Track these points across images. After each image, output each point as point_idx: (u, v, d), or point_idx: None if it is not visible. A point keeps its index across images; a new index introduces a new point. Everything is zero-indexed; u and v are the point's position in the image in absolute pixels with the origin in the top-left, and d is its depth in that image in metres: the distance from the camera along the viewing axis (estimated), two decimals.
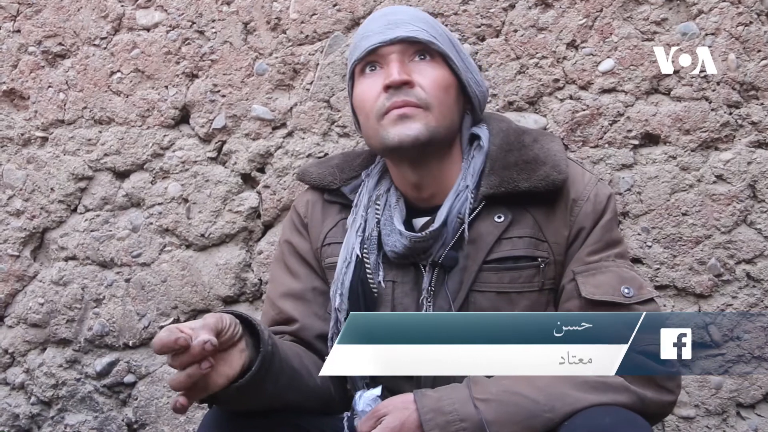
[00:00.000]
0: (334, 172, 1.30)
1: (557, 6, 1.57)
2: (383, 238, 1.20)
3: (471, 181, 1.18)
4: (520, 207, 1.17)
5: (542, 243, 1.17)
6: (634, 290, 1.11)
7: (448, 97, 1.16)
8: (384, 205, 1.22)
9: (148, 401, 1.78)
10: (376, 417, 1.06)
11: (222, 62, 1.71)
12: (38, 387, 1.82)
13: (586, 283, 1.12)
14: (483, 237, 1.17)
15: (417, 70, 1.15)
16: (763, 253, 1.52)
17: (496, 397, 1.03)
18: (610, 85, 1.55)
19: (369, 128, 1.18)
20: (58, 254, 1.81)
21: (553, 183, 1.15)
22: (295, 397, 1.14)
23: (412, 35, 1.15)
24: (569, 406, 1.01)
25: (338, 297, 1.20)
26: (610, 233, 1.17)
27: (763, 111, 1.50)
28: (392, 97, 1.13)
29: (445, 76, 1.17)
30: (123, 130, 1.76)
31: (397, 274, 1.20)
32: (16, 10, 1.81)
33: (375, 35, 1.16)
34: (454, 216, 1.17)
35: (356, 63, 1.19)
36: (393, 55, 1.15)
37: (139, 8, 1.75)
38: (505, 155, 1.19)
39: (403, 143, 1.12)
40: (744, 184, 1.51)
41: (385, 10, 1.25)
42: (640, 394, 1.04)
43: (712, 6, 1.50)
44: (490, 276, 1.16)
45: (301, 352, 1.21)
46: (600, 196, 1.18)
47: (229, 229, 1.72)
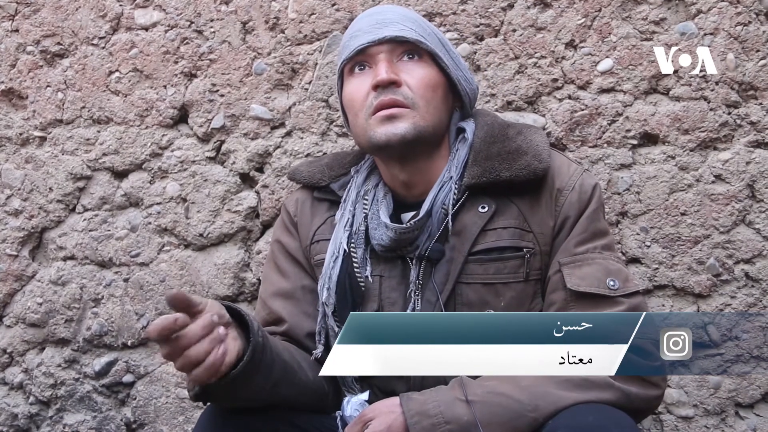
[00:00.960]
0: (324, 170, 1.32)
1: (556, 6, 1.57)
2: (370, 232, 1.21)
3: (455, 173, 1.19)
4: (504, 197, 1.18)
5: (527, 233, 1.17)
6: (620, 282, 1.11)
7: (435, 95, 1.17)
8: (372, 200, 1.23)
9: (146, 401, 1.78)
10: (363, 422, 1.07)
11: (220, 62, 1.71)
12: (37, 387, 1.82)
13: (572, 274, 1.13)
14: (468, 228, 1.17)
15: (405, 69, 1.16)
16: (762, 253, 1.52)
17: (481, 398, 1.03)
18: (609, 85, 1.55)
19: (357, 127, 1.19)
20: (56, 254, 1.81)
21: (533, 172, 1.15)
22: (288, 391, 1.14)
23: (400, 35, 1.16)
24: (553, 405, 1.01)
25: (326, 291, 1.21)
26: (596, 223, 1.17)
27: (761, 111, 1.50)
28: (380, 96, 1.14)
29: (433, 75, 1.18)
30: (121, 129, 1.76)
31: (384, 268, 1.21)
32: (14, 10, 1.81)
33: (363, 35, 1.17)
34: (438, 207, 1.17)
35: (345, 62, 1.20)
36: (381, 54, 1.16)
37: (137, 8, 1.75)
38: (488, 147, 1.20)
39: (390, 142, 1.14)
40: (743, 183, 1.51)
41: (374, 10, 1.25)
42: (625, 390, 1.04)
43: (711, 6, 1.50)
44: (476, 267, 1.17)
45: (291, 347, 1.22)
46: (585, 185, 1.18)
47: (228, 229, 1.72)
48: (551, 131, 1.57)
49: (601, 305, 1.10)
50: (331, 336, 1.22)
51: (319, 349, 1.23)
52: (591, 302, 1.10)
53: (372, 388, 1.23)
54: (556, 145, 1.57)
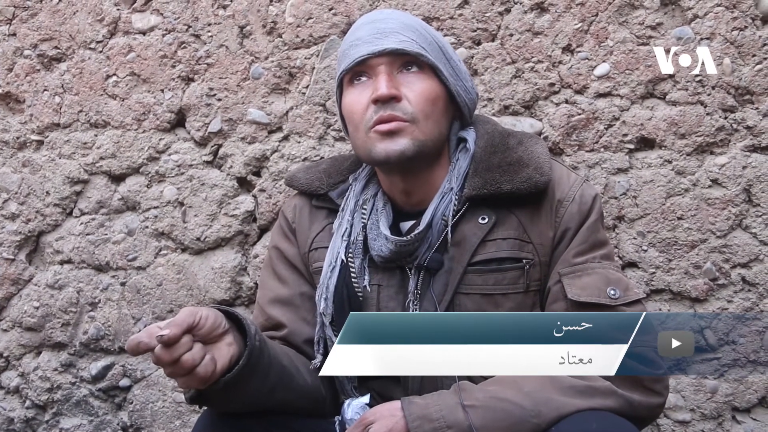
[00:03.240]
0: (322, 177, 1.31)
1: (553, 10, 1.57)
2: (369, 242, 1.20)
3: (455, 183, 1.19)
4: (504, 208, 1.17)
5: (527, 244, 1.17)
6: (621, 291, 1.11)
7: (435, 108, 1.16)
8: (371, 209, 1.23)
9: (143, 405, 1.78)
10: (364, 425, 1.06)
11: (218, 66, 1.71)
12: (33, 391, 1.82)
13: (572, 284, 1.12)
14: (467, 239, 1.17)
15: (405, 81, 1.15)
16: (759, 257, 1.52)
17: (483, 403, 1.03)
18: (606, 90, 1.56)
19: (357, 139, 1.18)
20: (53, 258, 1.81)
21: (535, 185, 1.15)
22: (285, 395, 1.14)
23: (400, 47, 1.14)
24: (555, 411, 1.01)
25: (323, 301, 1.21)
26: (595, 234, 1.17)
27: (758, 115, 1.51)
28: (379, 111, 1.13)
29: (433, 88, 1.16)
30: (119, 133, 1.76)
31: (382, 277, 1.21)
32: (11, 14, 1.81)
33: (363, 44, 1.15)
34: (438, 218, 1.17)
35: (344, 73, 1.19)
36: (381, 66, 1.14)
37: (134, 12, 1.75)
38: (489, 157, 1.19)
39: (390, 158, 1.13)
40: (739, 188, 1.52)
41: (374, 16, 1.22)
42: (628, 397, 1.04)
43: (707, 11, 1.51)
44: (475, 278, 1.16)
45: (290, 352, 1.21)
46: (585, 196, 1.18)
47: (225, 233, 1.72)
48: (548, 136, 1.57)
49: None
50: (329, 345, 1.21)
51: (318, 359, 1.22)
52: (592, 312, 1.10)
53: (371, 393, 1.22)
54: (553, 149, 1.57)
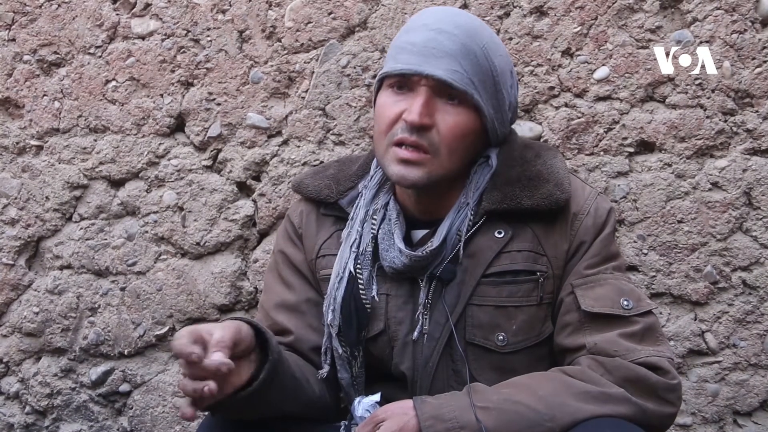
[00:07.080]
0: (330, 184, 1.27)
1: (552, 14, 1.57)
2: (381, 252, 1.18)
3: (472, 197, 1.17)
4: (520, 222, 1.16)
5: (541, 257, 1.16)
6: (633, 302, 1.10)
7: (463, 143, 1.13)
8: (382, 219, 1.20)
9: (143, 410, 1.77)
10: (375, 422, 1.06)
11: (217, 70, 1.71)
12: (33, 396, 1.81)
13: (585, 296, 1.12)
14: (483, 251, 1.15)
15: (442, 109, 1.11)
16: (759, 261, 1.52)
17: (497, 405, 1.02)
18: (605, 93, 1.55)
19: (379, 145, 1.16)
20: (53, 263, 1.80)
21: (556, 202, 1.14)
22: (294, 407, 1.14)
23: (448, 80, 1.08)
24: (570, 416, 1.01)
25: (330, 313, 1.19)
26: (608, 247, 1.16)
27: (758, 118, 1.50)
28: (405, 132, 1.10)
29: (468, 124, 1.13)
30: (118, 138, 1.76)
31: (390, 286, 1.19)
32: (11, 19, 1.81)
33: (414, 56, 1.10)
34: (453, 233, 1.15)
35: (386, 75, 1.15)
36: (423, 88, 1.10)
37: (134, 17, 1.75)
38: (507, 170, 1.18)
39: (401, 183, 1.13)
40: (739, 191, 1.51)
41: (437, 16, 1.14)
42: (641, 405, 1.04)
43: (707, 14, 1.51)
44: (489, 290, 1.15)
45: (299, 361, 1.20)
46: (600, 210, 1.17)
47: (225, 238, 1.72)
48: (548, 139, 1.57)
49: (616, 325, 1.09)
50: (336, 357, 1.21)
51: (325, 369, 1.21)
52: (605, 323, 1.10)
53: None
54: None
